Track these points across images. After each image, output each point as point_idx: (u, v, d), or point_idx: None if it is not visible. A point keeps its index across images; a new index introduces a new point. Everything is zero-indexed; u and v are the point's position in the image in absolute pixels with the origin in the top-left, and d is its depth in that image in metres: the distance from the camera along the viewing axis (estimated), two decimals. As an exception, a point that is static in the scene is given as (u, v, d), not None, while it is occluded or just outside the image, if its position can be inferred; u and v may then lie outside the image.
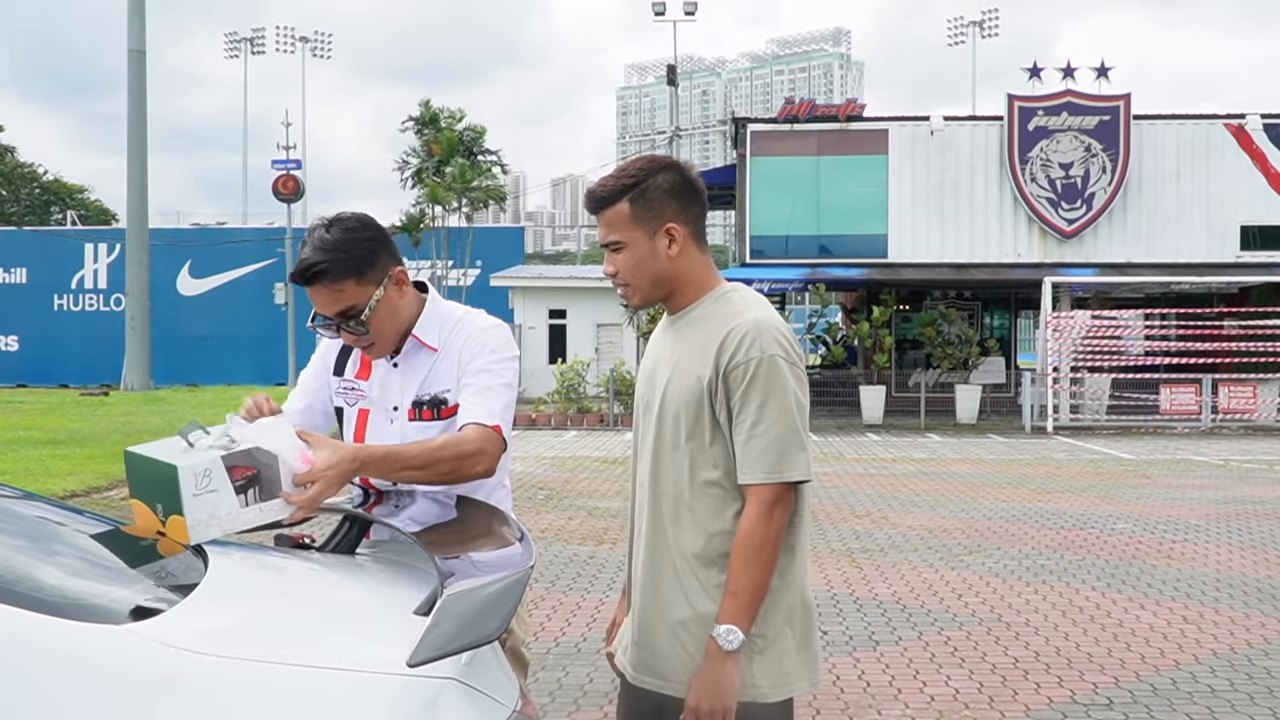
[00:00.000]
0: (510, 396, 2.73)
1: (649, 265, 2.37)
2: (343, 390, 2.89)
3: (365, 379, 2.86)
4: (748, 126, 26.81)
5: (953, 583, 7.84)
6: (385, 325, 2.73)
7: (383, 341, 2.76)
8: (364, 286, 2.67)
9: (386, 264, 2.72)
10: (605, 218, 2.38)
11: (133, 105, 34.05)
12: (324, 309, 2.68)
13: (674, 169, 2.40)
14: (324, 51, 66.98)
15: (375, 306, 2.68)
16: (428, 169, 34.23)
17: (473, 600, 1.79)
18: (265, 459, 2.26)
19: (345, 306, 2.67)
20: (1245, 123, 25.81)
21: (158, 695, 1.58)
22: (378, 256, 2.70)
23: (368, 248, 2.69)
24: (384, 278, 2.70)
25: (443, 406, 2.75)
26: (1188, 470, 15.37)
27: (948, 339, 24.50)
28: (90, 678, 1.58)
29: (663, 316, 2.52)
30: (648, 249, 2.36)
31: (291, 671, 1.66)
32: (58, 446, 15.66)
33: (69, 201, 59.80)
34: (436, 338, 2.79)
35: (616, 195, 2.36)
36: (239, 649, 1.69)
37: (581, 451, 17.66)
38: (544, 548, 9.03)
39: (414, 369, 2.80)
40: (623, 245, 2.37)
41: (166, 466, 2.18)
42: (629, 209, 2.36)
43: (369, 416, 2.84)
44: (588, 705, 5.12)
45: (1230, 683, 5.53)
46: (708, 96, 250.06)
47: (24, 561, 1.90)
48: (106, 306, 41.53)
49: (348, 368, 2.90)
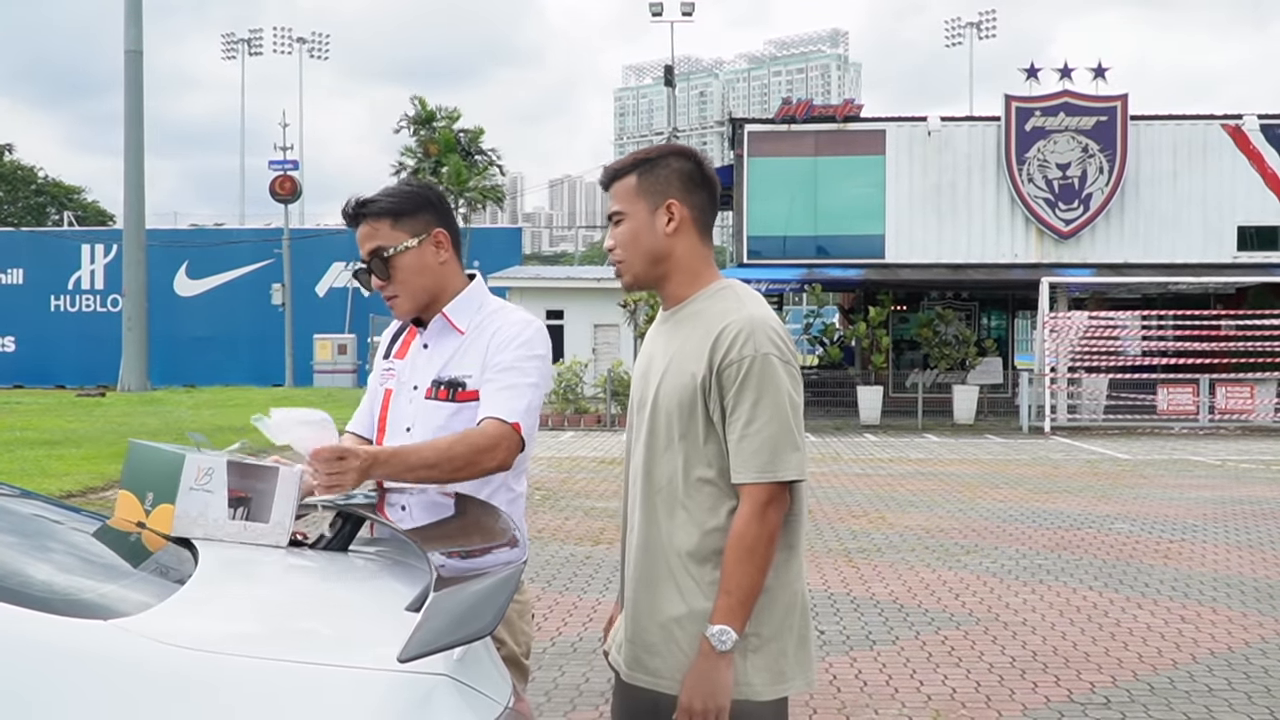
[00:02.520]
0: (534, 397, 2.70)
1: (645, 239, 2.37)
2: (383, 374, 2.92)
3: (401, 359, 2.88)
4: (745, 127, 26.80)
5: (950, 582, 7.83)
6: (411, 278, 2.76)
7: (406, 296, 2.78)
8: (398, 231, 2.74)
9: (429, 221, 2.78)
10: (613, 190, 2.41)
11: (130, 106, 34.02)
12: (361, 247, 2.77)
13: (690, 157, 2.43)
14: (321, 52, 67.04)
15: (402, 250, 2.73)
16: (424, 169, 34.22)
17: (464, 596, 1.77)
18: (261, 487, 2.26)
19: (376, 245, 2.74)
20: (1242, 123, 25.82)
21: (147, 691, 1.57)
22: (422, 211, 2.77)
23: (414, 200, 2.79)
24: (423, 231, 2.76)
25: (459, 389, 2.73)
26: (1185, 470, 15.37)
27: (945, 339, 24.50)
28: (79, 673, 1.57)
29: (659, 314, 2.52)
30: (646, 222, 2.37)
31: (282, 667, 1.65)
32: (54, 447, 15.63)
33: (66, 202, 59.74)
34: (466, 321, 2.79)
35: (627, 169, 2.40)
36: (229, 645, 1.68)
37: (579, 452, 17.65)
38: (541, 547, 9.02)
39: (441, 351, 2.80)
40: (624, 217, 2.38)
41: (175, 455, 2.21)
42: (635, 181, 2.38)
43: (392, 396, 2.85)
44: (583, 704, 5.11)
45: (1228, 682, 5.52)
46: (705, 97, 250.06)
47: (15, 557, 1.89)
48: (103, 307, 41.53)
49: (393, 351, 2.93)
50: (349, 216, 2.79)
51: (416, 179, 34.27)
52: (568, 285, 33.74)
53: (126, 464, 2.32)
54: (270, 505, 2.25)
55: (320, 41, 67.12)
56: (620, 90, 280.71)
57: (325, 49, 67.37)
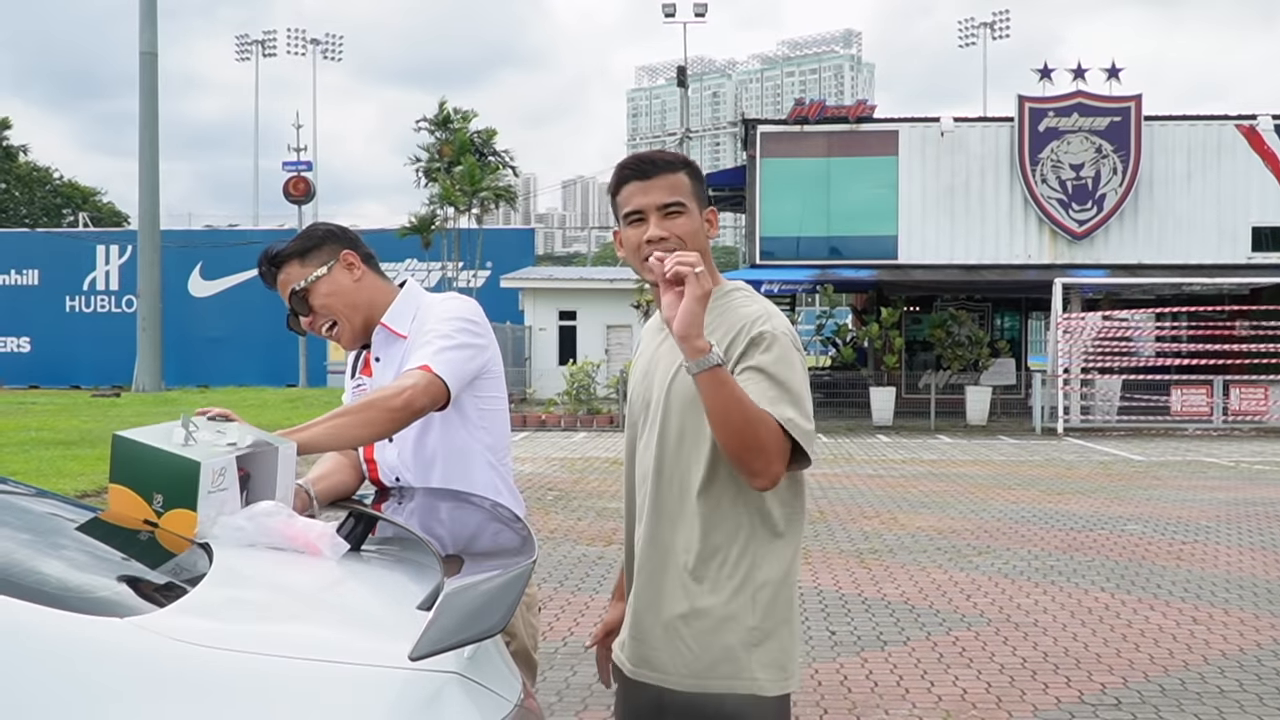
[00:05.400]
0: (450, 346, 2.69)
1: (698, 238, 2.38)
2: (354, 392, 2.95)
3: (369, 375, 2.92)
4: (758, 128, 26.79)
5: (961, 583, 7.83)
6: (330, 302, 2.80)
7: (340, 324, 2.83)
8: (306, 267, 2.80)
9: (333, 249, 2.83)
10: (666, 182, 2.37)
11: (145, 107, 34.17)
12: (283, 295, 2.83)
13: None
14: (335, 54, 67.15)
15: (313, 281, 2.78)
16: (439, 169, 34.29)
17: (474, 594, 1.79)
18: (260, 463, 2.32)
19: (290, 287, 2.80)
20: (1256, 123, 25.71)
21: (161, 688, 1.59)
22: (324, 243, 2.84)
23: (313, 237, 2.85)
24: (329, 259, 2.81)
25: None
26: (1198, 472, 15.33)
27: (958, 340, 24.46)
28: (94, 670, 1.59)
29: None
30: (698, 223, 2.39)
31: (295, 665, 1.67)
32: (69, 447, 15.71)
33: (81, 204, 59.97)
34: (406, 325, 2.84)
35: (678, 164, 2.40)
36: (243, 642, 1.70)
37: (591, 452, 17.67)
38: (553, 548, 9.04)
39: (390, 359, 2.85)
40: (684, 210, 2.37)
41: (186, 462, 2.19)
42: (688, 180, 2.39)
43: None
44: (595, 704, 5.13)
45: (1239, 683, 5.51)
46: (718, 98, 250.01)
47: (30, 555, 1.91)
48: (118, 308, 41.66)
49: (358, 369, 2.97)
50: (266, 275, 2.86)
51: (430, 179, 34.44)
52: (580, 286, 33.76)
53: (116, 458, 2.30)
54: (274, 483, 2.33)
55: (334, 43, 67.26)
56: (633, 91, 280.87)
57: (339, 50, 67.50)
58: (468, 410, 2.80)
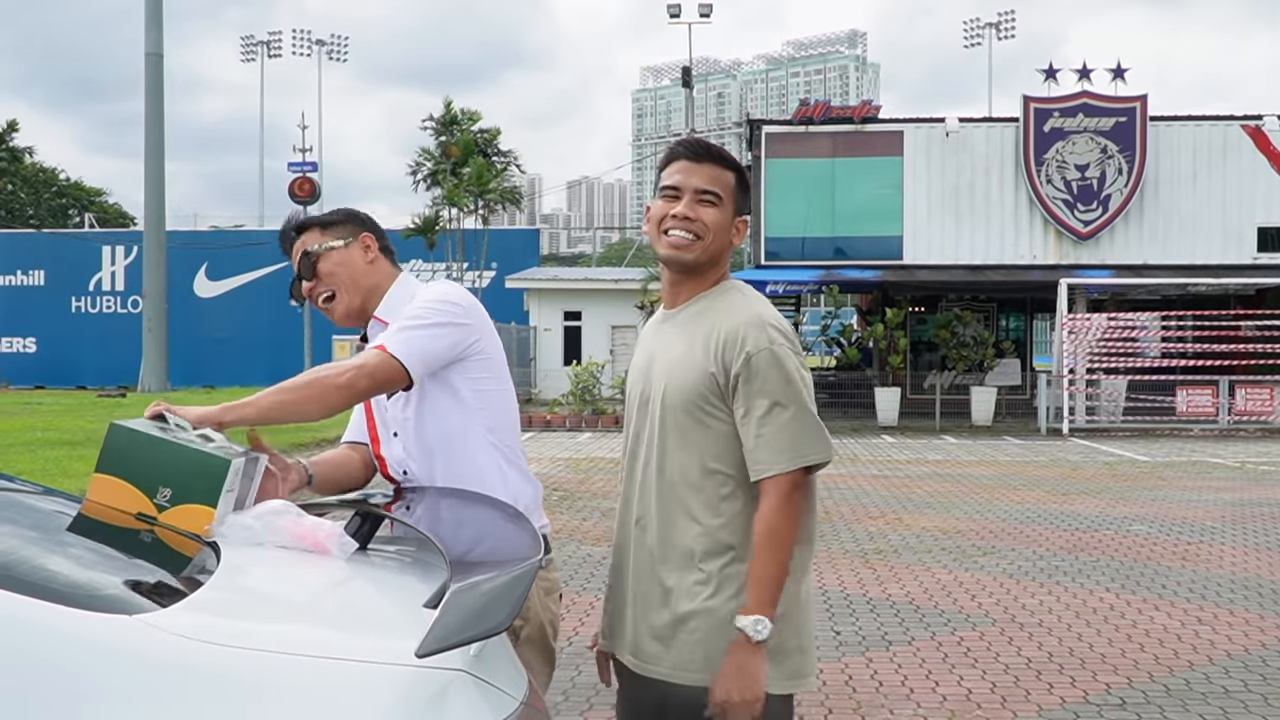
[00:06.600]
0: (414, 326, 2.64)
1: (724, 236, 2.42)
2: None
3: None
4: (762, 128, 26.78)
5: (966, 583, 7.83)
6: (336, 271, 2.80)
7: (341, 299, 2.82)
8: (325, 236, 2.81)
9: (355, 229, 2.85)
10: (712, 172, 2.40)
11: (150, 108, 34.23)
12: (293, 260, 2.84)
13: None
14: (340, 55, 67.24)
15: (326, 250, 2.79)
16: (444, 170, 34.32)
17: (480, 592, 1.80)
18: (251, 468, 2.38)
19: (303, 249, 2.81)
20: (1262, 123, 25.67)
21: (170, 685, 1.60)
22: (349, 221, 2.86)
23: (341, 214, 2.88)
24: (349, 236, 2.83)
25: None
26: (1204, 472, 15.31)
27: (963, 341, 24.45)
28: (103, 667, 1.60)
29: (659, 311, 2.55)
30: (729, 222, 2.42)
31: (302, 662, 1.68)
32: (75, 447, 15.73)
33: (87, 204, 60.04)
34: (394, 316, 2.80)
35: (731, 164, 2.43)
36: (251, 640, 1.71)
37: (596, 453, 17.68)
38: (558, 548, 9.01)
39: None
40: (718, 203, 2.39)
41: (213, 459, 2.19)
42: (734, 182, 2.43)
43: (372, 405, 2.88)
44: (600, 704, 5.13)
45: (1244, 684, 5.51)
46: (723, 99, 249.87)
47: (38, 553, 1.92)
48: (124, 308, 41.67)
49: None
50: (284, 239, 2.87)
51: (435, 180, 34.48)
52: (585, 286, 33.74)
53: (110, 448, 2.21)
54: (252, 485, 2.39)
55: (339, 44, 67.37)
56: (638, 92, 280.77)
57: (344, 51, 67.59)
58: (462, 392, 2.73)
